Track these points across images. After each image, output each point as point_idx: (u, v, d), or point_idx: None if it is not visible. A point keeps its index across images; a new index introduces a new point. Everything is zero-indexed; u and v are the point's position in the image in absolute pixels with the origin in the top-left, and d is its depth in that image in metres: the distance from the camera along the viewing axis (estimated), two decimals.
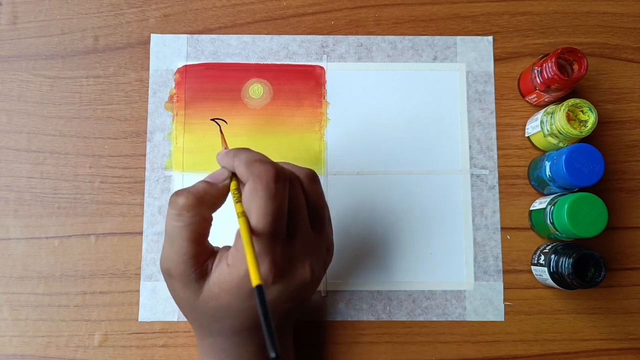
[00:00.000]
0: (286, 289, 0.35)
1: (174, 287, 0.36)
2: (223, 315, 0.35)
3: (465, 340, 0.47)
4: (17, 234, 0.48)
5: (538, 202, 0.47)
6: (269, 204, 0.32)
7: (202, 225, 0.35)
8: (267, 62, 0.50)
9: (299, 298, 0.37)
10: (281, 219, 0.33)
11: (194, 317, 0.37)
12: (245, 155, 0.35)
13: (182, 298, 0.36)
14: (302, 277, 0.35)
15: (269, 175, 0.33)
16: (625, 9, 0.51)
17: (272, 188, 0.33)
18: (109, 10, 0.51)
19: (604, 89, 0.50)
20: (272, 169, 0.33)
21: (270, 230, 0.33)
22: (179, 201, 0.34)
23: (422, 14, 0.51)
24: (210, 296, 0.35)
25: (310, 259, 0.36)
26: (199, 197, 0.34)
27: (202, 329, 0.38)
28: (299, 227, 0.35)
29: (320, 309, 0.47)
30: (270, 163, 0.34)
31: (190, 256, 0.34)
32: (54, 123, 0.49)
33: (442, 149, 0.49)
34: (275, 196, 0.33)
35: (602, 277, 0.42)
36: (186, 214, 0.34)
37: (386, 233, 0.48)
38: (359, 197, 0.48)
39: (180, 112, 0.49)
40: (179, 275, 0.35)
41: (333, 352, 0.46)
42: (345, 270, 0.47)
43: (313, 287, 0.38)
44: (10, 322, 0.47)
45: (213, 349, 0.38)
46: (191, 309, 0.36)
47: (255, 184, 0.33)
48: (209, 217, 0.35)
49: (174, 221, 0.34)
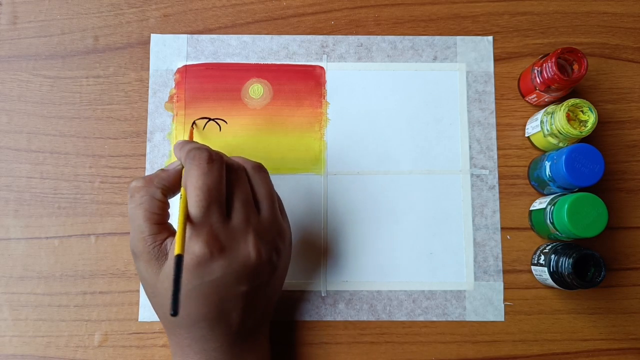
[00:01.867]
0: (230, 265, 0.36)
1: (140, 268, 0.38)
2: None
3: (465, 340, 0.47)
4: (17, 234, 0.48)
5: (538, 202, 0.47)
6: (200, 180, 0.35)
7: (154, 204, 0.37)
8: (267, 62, 0.50)
9: (251, 280, 0.37)
10: (215, 195, 0.36)
11: (158, 303, 0.38)
12: (189, 145, 0.39)
13: (146, 279, 0.38)
14: (245, 254, 0.37)
15: (202, 157, 0.36)
16: (625, 9, 0.51)
17: (204, 167, 0.36)
18: (109, 10, 0.51)
19: (604, 89, 0.50)
20: (205, 152, 0.37)
21: (204, 204, 0.35)
22: (132, 184, 0.38)
23: (422, 14, 0.51)
24: (164, 275, 0.37)
25: (255, 238, 0.37)
26: (148, 179, 0.38)
27: (165, 320, 0.39)
28: (239, 207, 0.38)
29: (320, 309, 0.47)
30: (205, 148, 0.37)
31: (148, 234, 0.37)
32: (54, 123, 0.49)
33: (442, 149, 0.49)
34: (207, 174, 0.36)
35: (602, 277, 0.42)
36: (137, 195, 0.37)
37: (386, 233, 0.48)
38: (359, 197, 0.48)
39: (180, 112, 0.49)
40: (141, 254, 0.37)
41: (333, 352, 0.46)
42: (345, 270, 0.47)
43: (266, 270, 0.39)
44: (10, 322, 0.47)
45: (179, 345, 0.38)
46: (154, 292, 0.38)
47: (190, 165, 0.36)
48: (159, 197, 0.38)
49: (129, 204, 0.38)
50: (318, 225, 0.48)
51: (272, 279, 0.40)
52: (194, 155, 0.37)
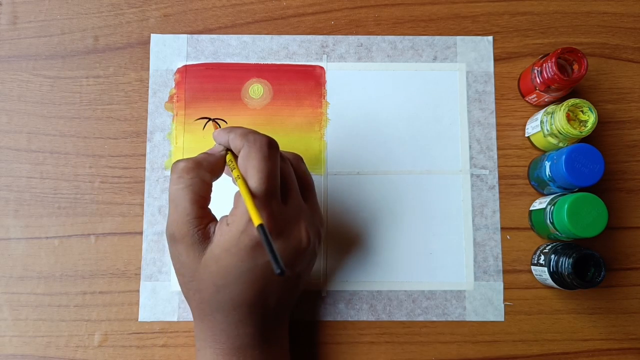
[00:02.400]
0: (285, 249, 0.37)
1: (179, 252, 0.37)
2: (224, 282, 0.36)
3: (465, 340, 0.47)
4: (17, 234, 0.48)
5: (538, 202, 0.47)
6: (263, 164, 0.36)
7: (202, 187, 0.37)
8: (267, 62, 0.50)
9: (297, 265, 0.38)
10: (275, 180, 0.36)
11: (195, 288, 0.38)
12: (240, 129, 0.38)
13: (185, 264, 0.37)
14: (299, 238, 0.38)
15: (263, 141, 0.36)
16: (625, 9, 0.51)
17: (266, 151, 0.36)
18: (109, 10, 0.51)
19: (604, 89, 0.50)
20: (265, 137, 0.37)
21: (266, 187, 0.35)
22: (180, 165, 0.37)
23: (422, 14, 0.51)
24: (211, 258, 0.36)
25: (305, 225, 0.38)
26: (197, 162, 0.38)
27: (201, 305, 0.38)
28: (290, 194, 0.38)
29: (320, 309, 0.47)
30: (262, 134, 0.37)
31: (193, 217, 0.36)
32: (54, 123, 0.49)
33: (442, 149, 0.49)
34: (268, 158, 0.36)
35: (602, 277, 0.42)
36: (186, 176, 0.37)
37: (386, 233, 0.48)
38: (359, 197, 0.48)
39: (180, 112, 0.49)
40: (183, 237, 0.37)
41: (333, 352, 0.46)
42: (345, 270, 0.47)
43: (309, 256, 0.39)
44: (10, 322, 0.47)
45: (212, 330, 0.38)
46: (193, 276, 0.37)
47: (250, 148, 0.36)
48: (208, 180, 0.38)
49: (175, 185, 0.37)
50: None
51: (308, 267, 0.41)
52: (254, 139, 0.36)
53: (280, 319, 0.41)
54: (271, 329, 0.39)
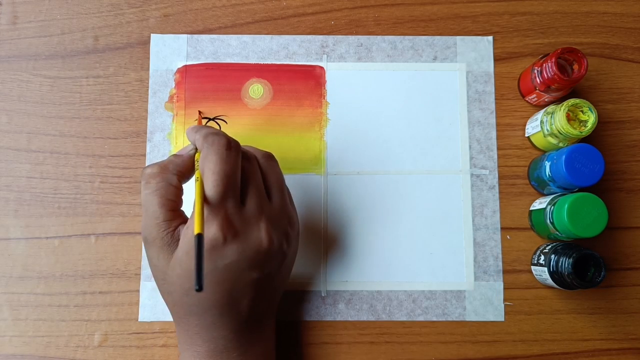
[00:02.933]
0: (244, 252, 0.36)
1: (151, 255, 0.38)
2: (189, 286, 0.37)
3: (465, 340, 0.47)
4: (17, 234, 0.48)
5: (538, 202, 0.47)
6: (218, 166, 0.36)
7: (169, 191, 0.37)
8: (267, 62, 0.50)
9: (262, 267, 0.38)
10: (232, 181, 0.36)
11: (167, 291, 0.38)
12: (205, 130, 0.39)
13: (157, 266, 0.38)
14: (258, 240, 0.37)
15: (221, 143, 0.37)
16: (625, 9, 0.51)
17: (223, 153, 0.36)
18: (109, 10, 0.51)
19: (604, 89, 0.50)
20: (224, 139, 0.37)
21: (221, 190, 0.35)
22: (146, 171, 0.38)
23: (422, 14, 0.51)
24: (176, 261, 0.37)
25: (267, 225, 0.38)
26: (163, 166, 0.38)
27: (175, 309, 0.39)
28: (251, 194, 0.38)
29: (320, 309, 0.47)
30: (222, 134, 0.38)
31: (162, 220, 0.37)
32: (54, 123, 0.49)
33: (442, 149, 0.49)
34: (225, 160, 0.36)
35: (602, 277, 0.42)
36: (152, 181, 0.37)
37: (386, 233, 0.48)
38: (359, 197, 0.48)
39: (180, 112, 0.49)
40: (153, 240, 0.37)
41: (333, 352, 0.46)
42: (345, 270, 0.47)
43: (277, 257, 0.39)
44: (10, 322, 0.47)
45: (188, 333, 0.38)
46: (164, 279, 0.38)
47: (208, 149, 0.36)
48: (175, 184, 0.38)
49: (144, 190, 0.38)
50: (318, 225, 0.48)
51: (281, 268, 0.40)
52: (212, 141, 0.37)
53: (259, 322, 0.40)
54: (249, 332, 0.39)
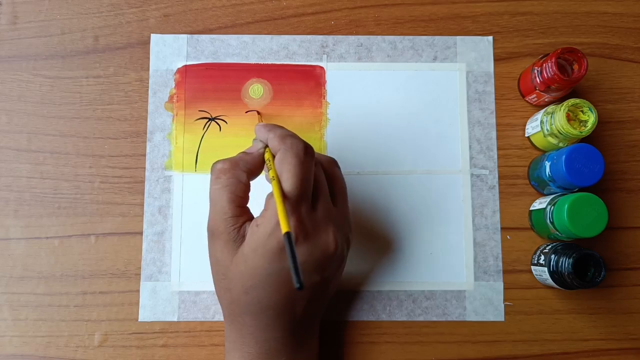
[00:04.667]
0: (311, 254, 0.37)
1: (216, 248, 0.38)
2: (251, 284, 0.37)
3: (465, 340, 0.47)
4: (17, 234, 0.48)
5: (538, 202, 0.47)
6: (297, 169, 0.36)
7: (239, 187, 0.38)
8: (267, 62, 0.50)
9: (324, 270, 0.38)
10: (308, 185, 0.37)
11: (226, 287, 0.38)
12: (280, 130, 0.39)
13: (220, 260, 0.38)
14: (326, 244, 0.38)
15: (300, 146, 0.37)
16: (625, 9, 0.51)
17: (302, 157, 0.37)
18: (109, 10, 0.51)
19: (604, 89, 0.50)
20: (302, 142, 0.38)
21: (298, 192, 0.36)
22: (217, 166, 0.38)
23: (422, 14, 0.51)
24: (241, 258, 0.37)
25: (333, 229, 0.38)
26: (234, 162, 0.39)
27: (232, 307, 0.39)
28: (321, 199, 0.38)
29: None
30: (299, 138, 0.38)
31: (230, 215, 0.37)
32: (54, 123, 0.49)
33: (442, 149, 0.49)
34: (303, 163, 0.36)
35: (602, 277, 0.42)
36: (223, 177, 0.38)
37: (386, 233, 0.48)
38: (359, 197, 0.48)
39: (180, 112, 0.49)
40: (220, 235, 0.38)
41: (333, 352, 0.46)
42: (345, 270, 0.47)
43: (337, 263, 0.40)
44: (10, 322, 0.47)
45: (240, 333, 0.39)
46: (225, 274, 0.38)
47: (287, 152, 0.37)
48: (244, 180, 0.38)
49: (214, 185, 0.38)
50: None
51: (338, 271, 0.41)
52: (291, 144, 0.37)
53: (309, 325, 0.41)
54: (299, 335, 0.40)
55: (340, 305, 0.47)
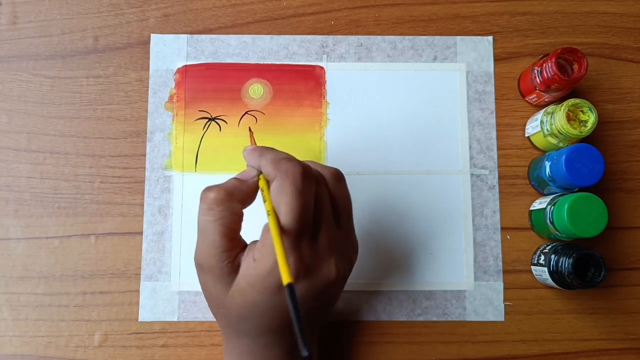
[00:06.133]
0: (312, 287, 0.35)
1: (206, 281, 0.36)
2: (249, 315, 0.35)
3: (465, 340, 0.47)
4: (17, 234, 0.48)
5: (538, 202, 0.47)
6: (296, 200, 0.33)
7: (233, 220, 0.35)
8: (267, 62, 0.50)
9: (325, 297, 0.37)
10: (308, 216, 0.34)
11: (222, 314, 0.37)
12: (271, 154, 0.36)
13: (212, 293, 0.36)
14: (328, 274, 0.35)
15: (297, 172, 0.33)
16: (625, 9, 0.51)
17: (300, 184, 0.33)
18: (109, 10, 0.51)
19: (604, 89, 0.50)
20: (299, 166, 0.34)
21: (298, 227, 0.33)
22: (210, 195, 0.35)
23: (422, 14, 0.51)
24: (237, 291, 0.35)
25: (336, 257, 0.36)
26: (229, 192, 0.35)
27: (229, 329, 0.38)
28: (323, 224, 0.35)
29: None
30: (296, 161, 0.35)
31: (222, 250, 0.35)
32: (54, 123, 0.49)
33: (442, 149, 0.49)
34: (302, 192, 0.33)
35: (602, 277, 0.42)
36: (216, 208, 0.35)
37: (386, 233, 0.48)
38: (359, 197, 0.48)
39: (180, 112, 0.49)
40: (211, 269, 0.35)
41: (333, 352, 0.46)
42: None
43: (338, 286, 0.38)
44: (10, 322, 0.47)
45: (239, 350, 0.37)
46: (220, 305, 0.36)
47: (283, 181, 0.33)
48: (239, 212, 0.36)
49: (205, 215, 0.35)
50: None
51: (337, 293, 0.39)
52: (287, 170, 0.34)
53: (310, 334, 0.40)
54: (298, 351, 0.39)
55: (340, 305, 0.47)
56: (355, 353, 0.46)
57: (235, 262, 0.35)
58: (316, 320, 0.40)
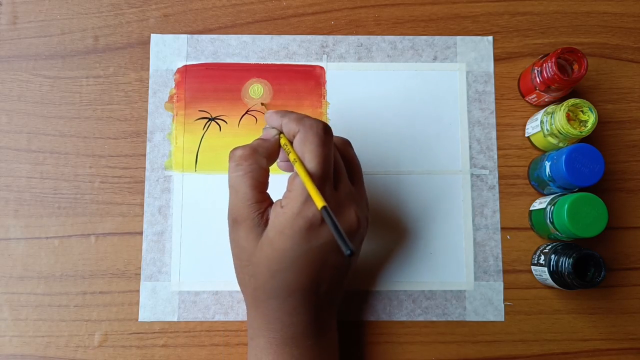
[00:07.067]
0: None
1: (239, 236, 0.38)
2: (278, 267, 0.37)
3: (465, 340, 0.47)
4: (17, 234, 0.48)
5: (538, 202, 0.47)
6: (320, 149, 0.36)
7: (260, 173, 0.38)
8: (267, 62, 0.50)
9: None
10: (330, 165, 0.37)
11: (251, 272, 0.38)
12: (294, 114, 0.39)
13: (244, 247, 0.38)
14: (350, 221, 0.38)
15: (319, 126, 0.37)
16: (625, 9, 0.51)
17: (323, 136, 0.37)
18: (109, 10, 0.51)
19: (604, 89, 0.50)
20: (321, 122, 0.38)
21: (322, 172, 0.36)
22: (237, 153, 0.38)
23: (422, 14, 0.51)
24: (266, 242, 0.37)
25: (355, 207, 0.38)
26: (254, 148, 0.38)
27: (256, 293, 0.39)
28: (341, 179, 0.39)
29: None
30: (317, 119, 0.38)
31: (253, 201, 0.38)
32: (54, 123, 0.49)
33: (442, 149, 0.49)
34: (324, 143, 0.37)
35: (602, 277, 0.42)
36: (244, 163, 0.38)
37: (386, 233, 0.48)
38: None
39: (180, 112, 0.49)
40: (244, 220, 0.38)
41: None
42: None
43: (359, 240, 0.40)
44: (10, 322, 0.47)
45: (266, 318, 0.38)
46: (249, 260, 0.38)
47: (307, 133, 0.37)
48: (264, 166, 0.39)
49: (234, 172, 0.38)
50: None
51: (358, 250, 0.41)
52: (310, 124, 0.37)
53: (331, 309, 0.41)
54: (323, 319, 0.40)
55: (340, 305, 0.47)
56: (355, 353, 0.46)
57: (265, 215, 0.38)
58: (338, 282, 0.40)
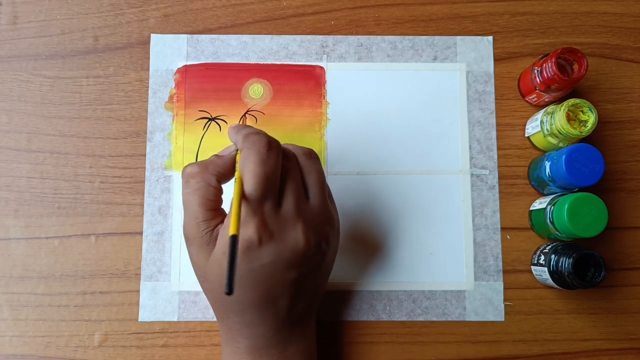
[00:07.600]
0: (280, 253, 0.36)
1: (192, 252, 0.39)
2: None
3: (465, 340, 0.47)
4: (17, 234, 0.48)
5: (538, 202, 0.47)
6: (259, 167, 0.35)
7: (209, 191, 0.37)
8: (267, 62, 0.50)
9: (302, 267, 0.38)
10: (271, 183, 0.36)
11: (207, 288, 0.39)
12: (246, 129, 0.38)
13: (197, 264, 0.38)
14: (295, 241, 0.37)
15: (262, 143, 0.36)
16: (625, 9, 0.51)
17: (264, 154, 0.36)
18: (109, 10, 0.51)
19: (604, 89, 0.50)
20: (265, 138, 0.36)
21: (260, 192, 0.35)
22: (187, 170, 0.38)
23: (422, 14, 0.51)
24: (214, 261, 0.37)
25: (304, 226, 0.37)
26: (203, 166, 0.38)
27: (216, 306, 0.39)
28: (290, 195, 0.37)
29: (321, 309, 0.47)
30: (263, 134, 0.37)
31: (201, 220, 0.37)
32: (54, 123, 0.49)
33: (442, 149, 0.49)
34: (265, 162, 0.35)
35: (602, 277, 0.42)
36: (192, 180, 0.37)
37: (386, 233, 0.48)
38: (359, 197, 0.48)
39: (180, 112, 0.49)
40: (194, 239, 0.38)
41: (332, 352, 0.46)
42: (345, 270, 0.47)
43: (316, 258, 0.39)
44: (10, 322, 0.47)
45: (229, 329, 0.39)
46: (204, 277, 0.38)
47: (249, 150, 0.36)
48: (213, 184, 0.38)
49: (184, 189, 0.38)
50: None
51: (321, 267, 0.40)
52: (253, 141, 0.36)
53: (299, 320, 0.40)
54: (288, 330, 0.39)
55: (340, 305, 0.47)
56: (355, 353, 0.46)
57: (214, 233, 0.37)
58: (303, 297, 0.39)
